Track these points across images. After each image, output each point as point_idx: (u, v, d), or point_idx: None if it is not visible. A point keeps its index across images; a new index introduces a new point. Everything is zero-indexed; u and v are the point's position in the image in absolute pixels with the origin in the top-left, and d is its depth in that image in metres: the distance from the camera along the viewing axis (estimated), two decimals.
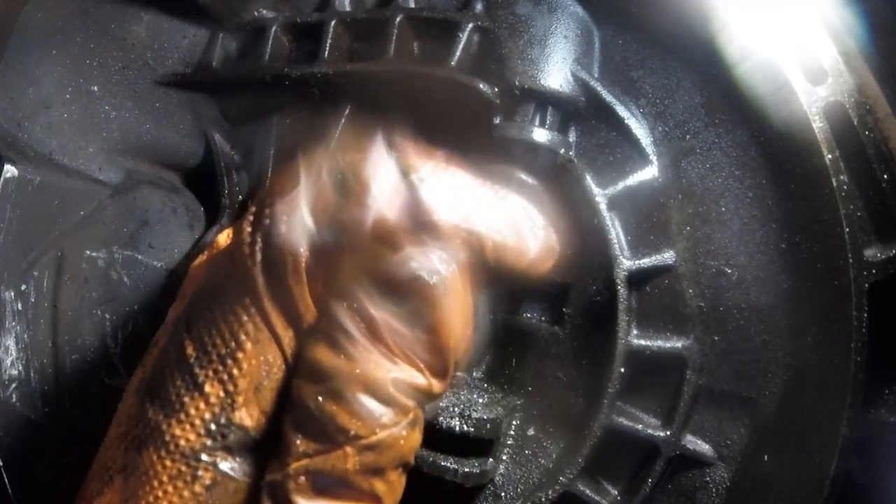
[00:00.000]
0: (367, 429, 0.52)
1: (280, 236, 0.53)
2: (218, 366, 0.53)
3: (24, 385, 0.83)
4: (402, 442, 0.53)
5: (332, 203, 0.54)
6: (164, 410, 0.54)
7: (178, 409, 0.53)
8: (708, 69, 0.74)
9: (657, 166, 0.77)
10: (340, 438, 0.52)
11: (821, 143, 0.69)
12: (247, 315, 0.54)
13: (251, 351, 0.54)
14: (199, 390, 0.53)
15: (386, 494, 0.55)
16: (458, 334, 0.55)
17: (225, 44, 0.91)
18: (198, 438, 0.54)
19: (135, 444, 0.55)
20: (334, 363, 0.52)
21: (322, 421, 0.52)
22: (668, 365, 0.76)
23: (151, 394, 0.55)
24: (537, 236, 0.61)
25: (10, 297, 0.80)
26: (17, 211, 0.79)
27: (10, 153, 0.79)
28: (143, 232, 0.90)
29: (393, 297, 0.53)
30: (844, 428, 0.70)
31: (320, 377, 0.53)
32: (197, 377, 0.53)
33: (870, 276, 0.69)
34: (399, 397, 0.53)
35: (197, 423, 0.53)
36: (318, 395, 0.52)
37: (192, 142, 0.93)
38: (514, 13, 0.77)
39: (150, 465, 0.54)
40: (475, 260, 0.57)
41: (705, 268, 0.76)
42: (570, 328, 0.79)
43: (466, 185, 0.59)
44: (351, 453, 0.52)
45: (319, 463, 0.52)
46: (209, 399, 0.53)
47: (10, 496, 0.81)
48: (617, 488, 0.80)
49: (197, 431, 0.54)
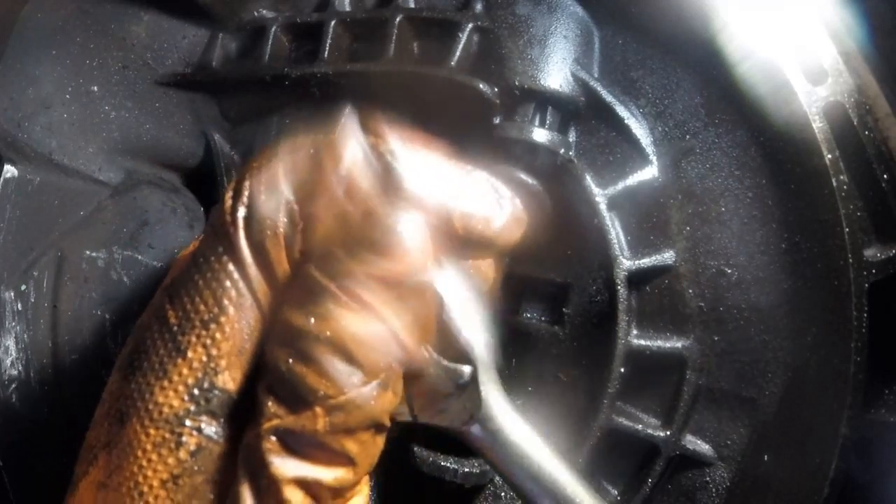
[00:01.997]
0: (335, 389, 0.53)
1: (259, 204, 0.55)
2: (201, 330, 0.54)
3: (24, 385, 0.83)
4: (371, 403, 0.54)
5: (306, 173, 0.56)
6: (146, 379, 0.54)
7: (162, 375, 0.54)
8: (708, 69, 0.74)
9: (657, 166, 0.77)
10: (310, 399, 0.53)
11: (821, 143, 0.69)
12: (230, 280, 0.55)
13: (234, 315, 0.55)
14: (182, 356, 0.54)
15: (358, 455, 0.55)
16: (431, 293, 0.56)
17: (225, 44, 0.91)
18: (181, 404, 0.54)
19: (117, 417, 0.55)
20: (304, 323, 0.53)
21: (292, 382, 0.53)
22: (668, 365, 0.76)
23: (133, 365, 0.56)
24: (503, 206, 0.62)
25: (10, 297, 0.80)
26: (17, 211, 0.79)
27: (10, 153, 0.80)
28: (143, 232, 0.90)
29: (365, 254, 0.54)
30: (844, 428, 0.70)
31: (291, 338, 0.54)
32: (180, 343, 0.54)
33: (870, 276, 0.69)
34: (368, 357, 0.53)
35: (180, 389, 0.54)
36: (288, 357, 0.53)
37: (192, 142, 0.93)
38: (513, 13, 0.77)
39: (134, 436, 0.54)
40: (444, 228, 0.59)
41: (705, 268, 0.76)
42: (570, 328, 0.79)
43: (434, 159, 0.61)
44: (320, 413, 0.53)
45: (290, 423, 0.53)
46: (192, 364, 0.54)
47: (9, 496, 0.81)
48: (617, 488, 0.80)
49: (181, 397, 0.54)
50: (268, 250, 0.55)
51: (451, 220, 0.59)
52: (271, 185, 0.56)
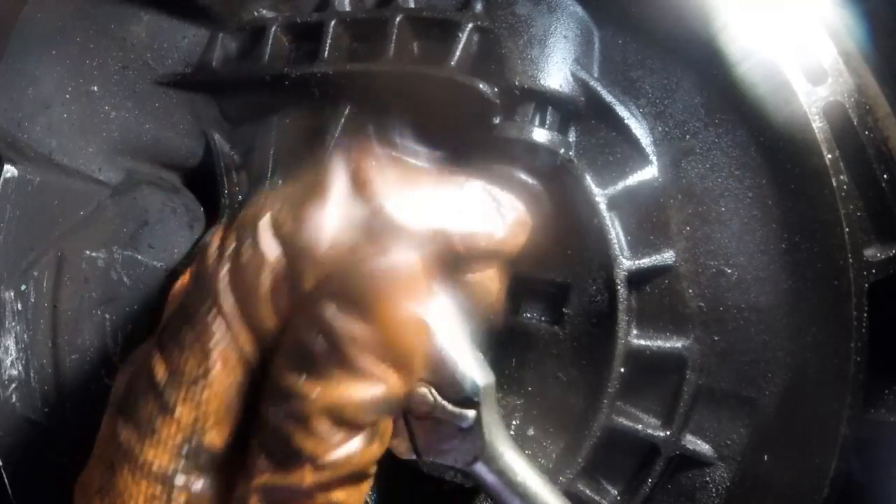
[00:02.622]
0: (324, 448, 0.53)
1: (245, 256, 0.55)
2: (189, 387, 0.54)
3: (24, 385, 0.83)
4: (356, 459, 0.55)
5: (291, 227, 0.55)
6: (137, 431, 0.55)
7: (151, 433, 0.54)
8: (708, 69, 0.74)
9: (657, 166, 0.77)
10: (301, 458, 0.54)
11: (821, 143, 0.69)
12: (218, 335, 0.55)
13: (220, 372, 0.55)
14: (170, 413, 0.54)
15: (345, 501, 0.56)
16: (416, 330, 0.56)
17: (225, 44, 0.91)
18: (171, 461, 0.55)
19: (109, 465, 0.56)
20: (293, 383, 0.54)
21: (283, 441, 0.54)
22: (668, 365, 0.76)
23: (125, 415, 0.56)
24: (503, 214, 0.62)
25: (10, 297, 0.80)
26: (17, 211, 0.79)
27: (10, 153, 0.80)
28: (143, 232, 0.90)
29: (351, 305, 0.54)
30: (844, 428, 0.69)
31: (282, 398, 0.54)
32: (168, 401, 0.54)
33: (870, 276, 0.69)
34: (358, 417, 0.54)
35: (170, 446, 0.55)
36: (280, 416, 0.54)
37: (192, 142, 0.93)
38: (513, 13, 0.77)
39: (126, 487, 0.55)
40: (445, 253, 0.58)
41: (705, 268, 0.76)
42: (570, 328, 0.79)
43: (423, 186, 0.60)
44: (309, 471, 0.54)
45: (279, 480, 0.54)
46: (180, 422, 0.54)
47: (10, 496, 0.81)
48: (617, 488, 0.80)
49: (170, 454, 0.55)
50: (256, 305, 0.55)
51: (451, 244, 0.58)
52: (257, 234, 0.55)
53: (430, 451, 0.60)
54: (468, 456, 0.61)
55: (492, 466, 0.61)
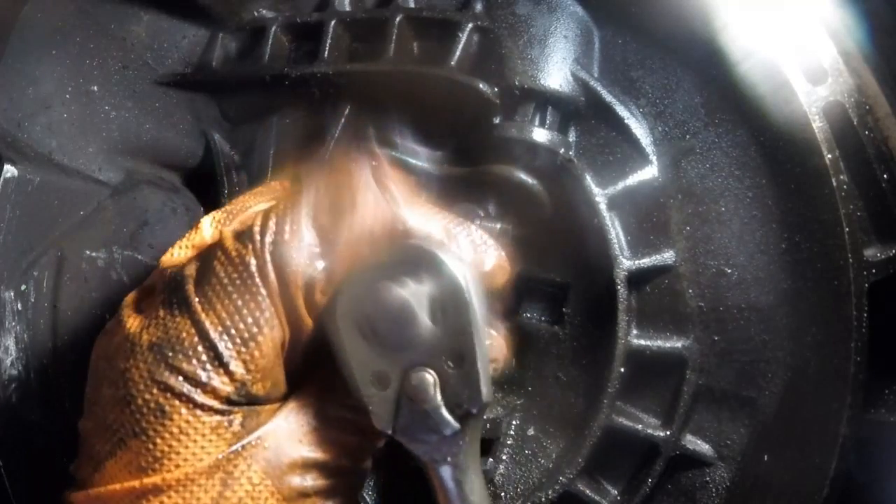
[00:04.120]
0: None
1: (284, 246, 0.59)
2: (241, 347, 0.58)
3: (24, 385, 0.82)
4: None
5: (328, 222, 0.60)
6: (188, 382, 0.58)
7: (205, 381, 0.58)
8: (708, 69, 0.74)
9: (657, 166, 0.77)
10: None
11: (821, 142, 0.69)
12: (267, 308, 0.59)
13: (268, 336, 0.59)
14: (224, 367, 0.58)
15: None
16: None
17: (225, 44, 0.91)
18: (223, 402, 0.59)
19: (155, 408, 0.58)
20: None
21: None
22: (668, 365, 0.76)
23: (167, 362, 0.59)
24: (488, 254, 0.65)
25: (10, 297, 0.80)
26: (17, 211, 0.79)
27: (10, 153, 0.79)
28: (143, 232, 0.90)
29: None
30: (844, 428, 0.70)
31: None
32: (223, 356, 0.58)
33: (870, 276, 0.69)
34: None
35: (222, 393, 0.58)
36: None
37: (192, 142, 0.93)
38: (513, 13, 0.77)
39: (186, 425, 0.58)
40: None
41: (705, 268, 0.76)
42: (570, 328, 0.80)
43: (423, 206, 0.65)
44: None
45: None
46: (234, 375, 0.58)
47: (9, 496, 0.81)
48: (617, 488, 0.80)
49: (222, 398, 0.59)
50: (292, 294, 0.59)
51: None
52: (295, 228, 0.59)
53: (406, 433, 0.60)
54: (439, 456, 0.61)
55: (455, 475, 0.61)
